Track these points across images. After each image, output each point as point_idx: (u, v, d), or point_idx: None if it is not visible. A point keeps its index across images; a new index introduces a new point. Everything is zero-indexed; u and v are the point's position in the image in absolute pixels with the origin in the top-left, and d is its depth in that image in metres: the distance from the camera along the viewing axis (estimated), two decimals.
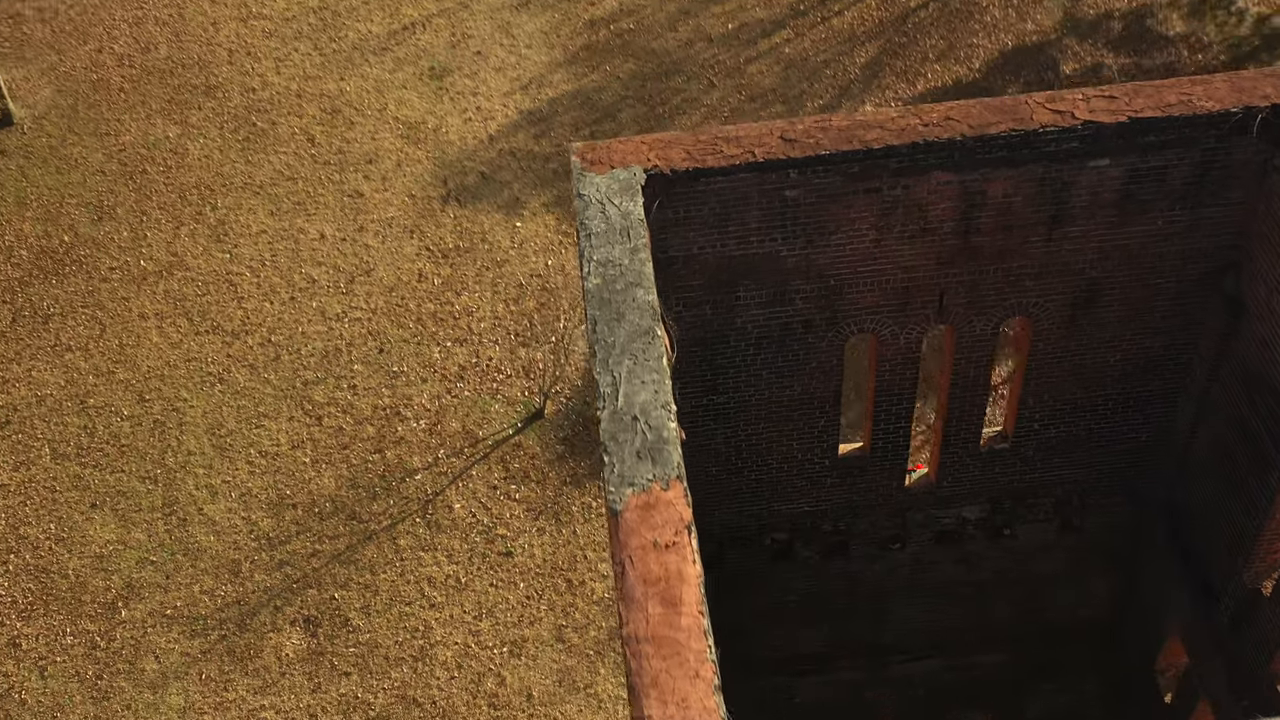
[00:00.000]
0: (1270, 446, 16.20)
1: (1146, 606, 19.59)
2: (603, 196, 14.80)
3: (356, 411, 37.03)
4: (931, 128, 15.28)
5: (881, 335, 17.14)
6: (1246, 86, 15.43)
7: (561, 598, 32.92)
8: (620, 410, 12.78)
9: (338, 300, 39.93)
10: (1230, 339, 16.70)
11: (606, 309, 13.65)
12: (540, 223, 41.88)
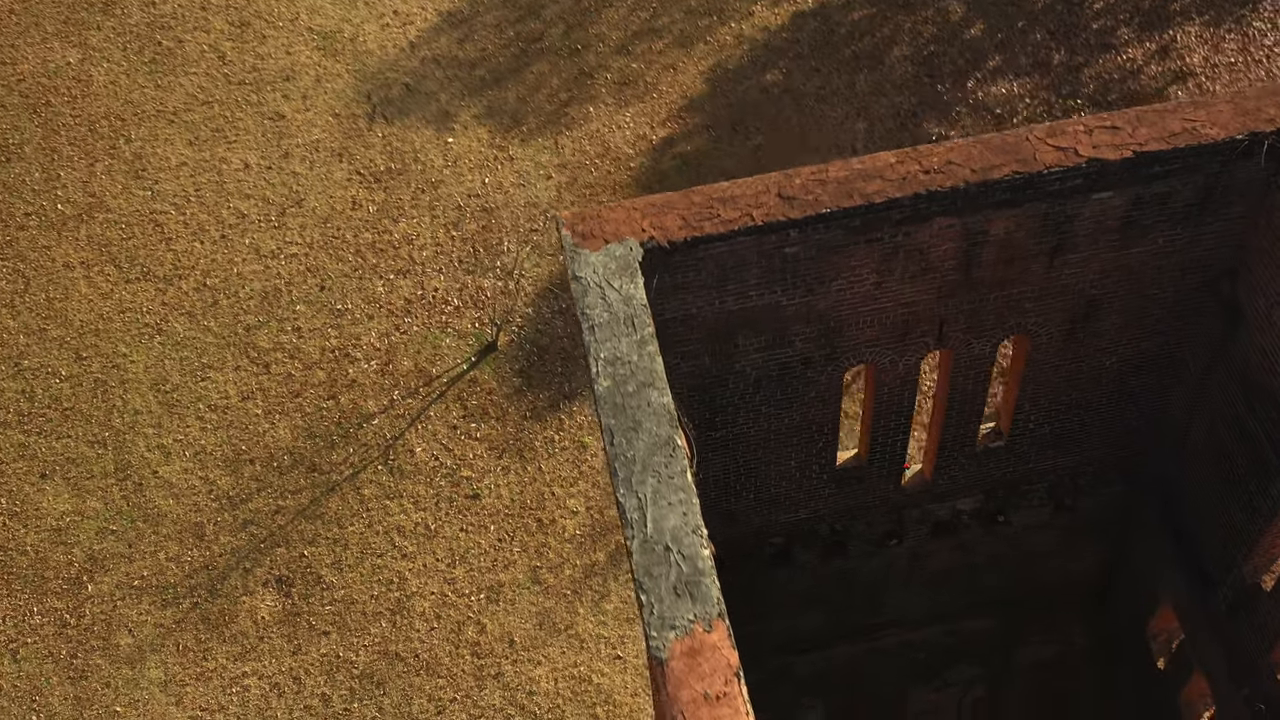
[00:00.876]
0: (1270, 452, 16.31)
1: (1138, 578, 19.98)
2: (601, 279, 14.17)
3: (304, 355, 36.19)
4: (933, 175, 14.73)
5: (880, 364, 16.85)
6: (1250, 109, 15.00)
7: (533, 538, 32.94)
8: (651, 539, 12.45)
9: (271, 236, 38.62)
10: (1226, 339, 16.63)
11: (621, 417, 13.19)
12: (473, 137, 40.54)
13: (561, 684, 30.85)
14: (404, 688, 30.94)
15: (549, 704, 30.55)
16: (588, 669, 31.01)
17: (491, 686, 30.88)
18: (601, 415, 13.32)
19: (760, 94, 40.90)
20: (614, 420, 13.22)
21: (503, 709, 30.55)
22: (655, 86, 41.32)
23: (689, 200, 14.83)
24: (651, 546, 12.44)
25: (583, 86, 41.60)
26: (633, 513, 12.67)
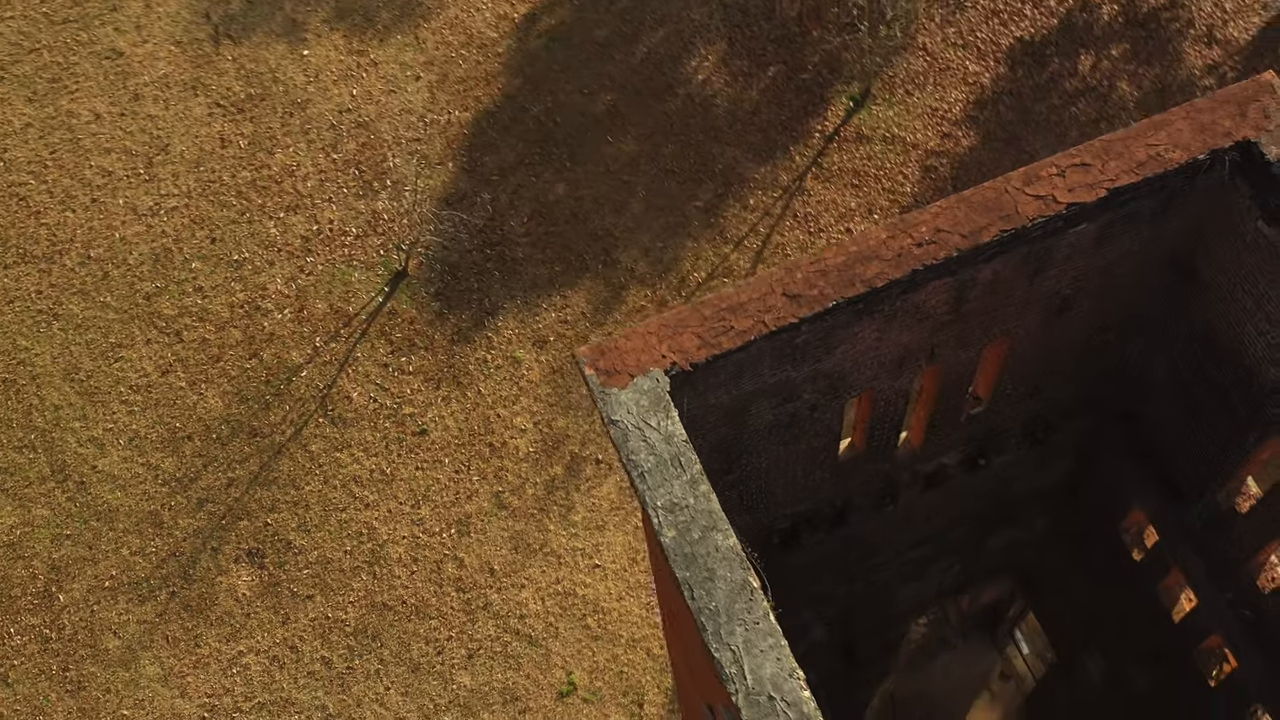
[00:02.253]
0: (1237, 402, 17.67)
1: (1107, 487, 21.61)
2: (638, 420, 14.55)
3: (214, 316, 35.49)
4: (926, 247, 15.21)
5: (878, 389, 17.62)
6: (1206, 123, 15.61)
7: (489, 464, 33.65)
8: (753, 692, 13.35)
9: (144, 191, 37.13)
10: (1188, 305, 17.70)
11: (695, 568, 13.87)
12: (329, 45, 38.90)
13: (549, 602, 32.23)
14: (399, 635, 32.04)
15: (541, 624, 31.99)
16: (570, 583, 32.39)
17: (483, 618, 32.15)
18: (675, 568, 13.96)
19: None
20: (688, 572, 13.89)
21: (498, 637, 31.93)
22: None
23: (700, 315, 15.09)
24: (756, 699, 13.35)
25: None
26: (730, 666, 13.52)
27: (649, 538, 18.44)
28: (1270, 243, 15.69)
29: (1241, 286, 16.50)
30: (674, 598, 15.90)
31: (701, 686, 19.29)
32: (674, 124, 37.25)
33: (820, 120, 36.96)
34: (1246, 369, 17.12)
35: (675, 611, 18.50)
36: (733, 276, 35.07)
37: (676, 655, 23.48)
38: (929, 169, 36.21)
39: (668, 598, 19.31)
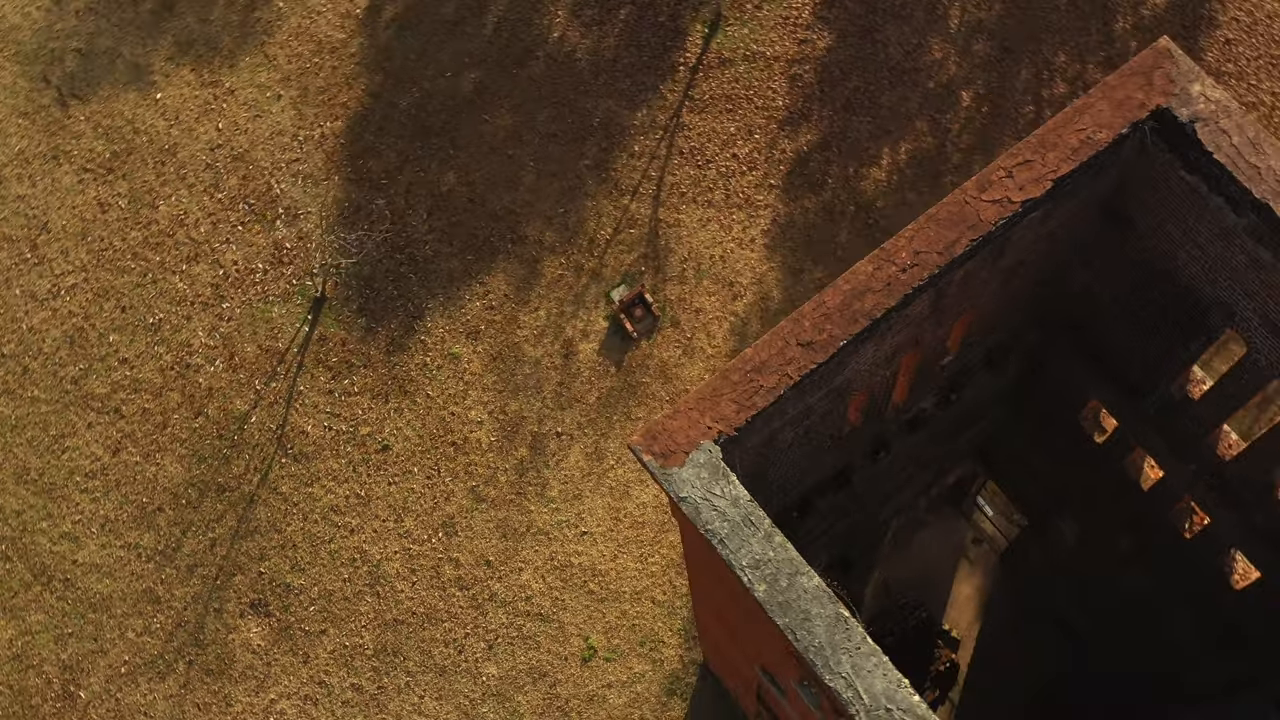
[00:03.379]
0: (1180, 318, 19.82)
1: (1061, 385, 23.81)
2: (704, 493, 16.10)
3: (147, 384, 35.67)
4: (910, 271, 16.82)
5: (873, 381, 19.36)
6: (1121, 99, 17.34)
7: (456, 462, 34.83)
8: (872, 709, 15.27)
9: (37, 275, 36.74)
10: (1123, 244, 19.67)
11: (792, 613, 15.62)
12: (180, 83, 38.42)
13: (549, 578, 33.91)
14: (418, 645, 33.51)
15: (548, 600, 33.70)
16: (564, 555, 34.06)
17: (491, 609, 33.73)
18: (774, 616, 15.70)
19: None
20: (787, 619, 15.64)
21: (511, 623, 33.58)
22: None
23: (731, 382, 16.55)
24: (875, 714, 15.28)
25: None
26: (846, 692, 15.40)
27: (686, 539, 20.17)
28: (1192, 187, 17.62)
29: (1170, 222, 18.47)
30: (722, 585, 17.64)
31: (772, 661, 21.22)
32: (542, 88, 37.87)
33: (681, 53, 37.92)
34: (1183, 287, 19.21)
35: (719, 595, 20.33)
36: (637, 226, 36.29)
37: (710, 620, 25.38)
38: (794, 78, 37.56)
39: (708, 581, 21.11)
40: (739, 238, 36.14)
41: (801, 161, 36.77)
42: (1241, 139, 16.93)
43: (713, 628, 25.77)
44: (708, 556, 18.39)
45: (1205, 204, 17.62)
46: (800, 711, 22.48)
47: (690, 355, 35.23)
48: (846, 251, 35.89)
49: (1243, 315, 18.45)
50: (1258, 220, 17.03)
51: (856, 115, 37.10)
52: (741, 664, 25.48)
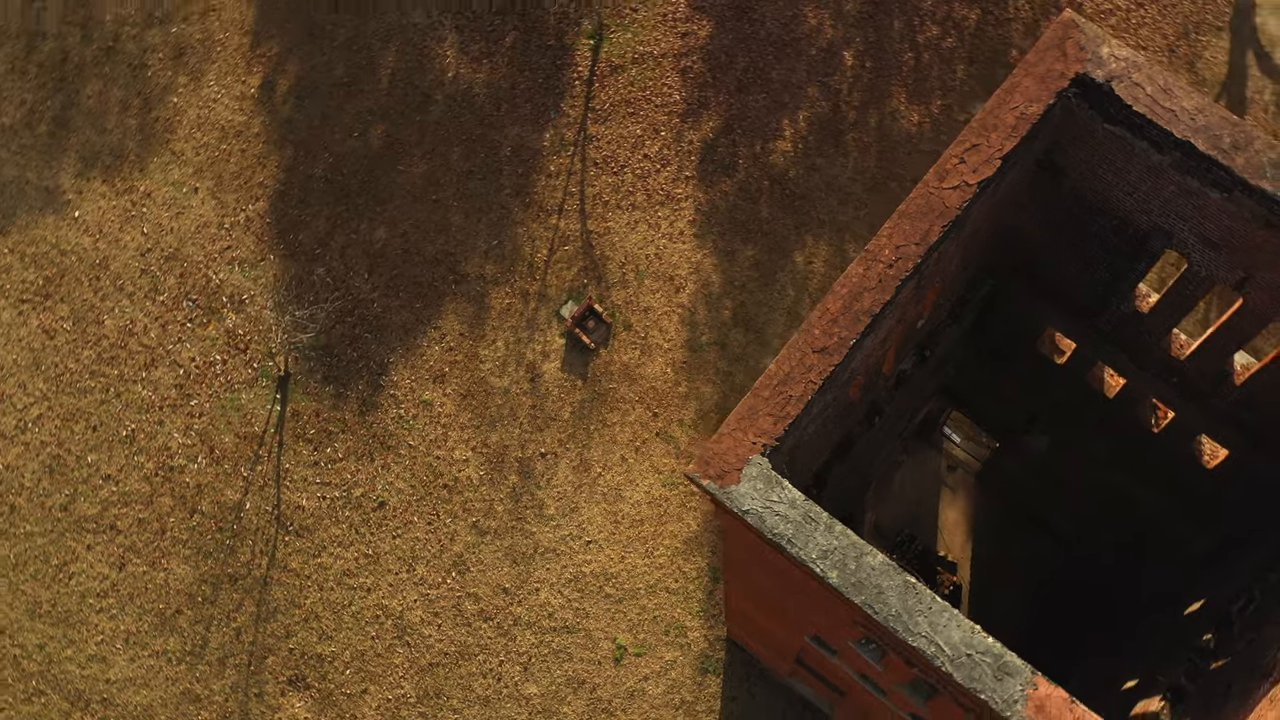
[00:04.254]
0: (1122, 245, 21.96)
1: (1016, 318, 25.94)
2: (763, 503, 17.86)
3: (136, 495, 36.41)
4: (896, 265, 18.68)
5: (870, 363, 21.25)
6: (1043, 73, 19.33)
7: (453, 503, 36.18)
8: (955, 657, 17.23)
9: (3, 414, 37.15)
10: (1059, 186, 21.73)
11: (866, 590, 17.50)
12: (95, 196, 38.91)
13: (566, 592, 35.50)
14: (458, 683, 34.93)
15: (570, 612, 35.30)
16: (575, 567, 35.65)
17: (518, 632, 35.25)
18: (850, 596, 17.55)
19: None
20: (863, 596, 17.50)
21: (541, 640, 35.14)
22: (215, 39, 40.04)
23: (761, 398, 18.28)
24: (960, 661, 17.23)
25: (143, 79, 39.83)
26: (929, 648, 17.32)
27: (730, 542, 21.97)
28: (1118, 136, 19.72)
29: (1101, 167, 20.58)
30: (780, 578, 19.51)
31: (827, 630, 23.14)
32: (448, 129, 39.05)
33: (573, 69, 39.35)
34: (1121, 219, 21.36)
35: (771, 586, 22.19)
36: (571, 242, 37.77)
37: (748, 606, 27.25)
38: (685, 71, 39.22)
39: (757, 576, 22.95)
40: (668, 233, 37.81)
41: (709, 149, 38.50)
42: (1154, 88, 19.03)
43: (750, 612, 27.65)
44: (761, 556, 20.21)
45: (1131, 148, 19.71)
46: (853, 664, 24.48)
47: (648, 353, 36.90)
48: (770, 225, 37.78)
49: (1179, 236, 20.64)
50: (1181, 155, 19.16)
51: (751, 94, 38.89)
52: (784, 637, 27.41)
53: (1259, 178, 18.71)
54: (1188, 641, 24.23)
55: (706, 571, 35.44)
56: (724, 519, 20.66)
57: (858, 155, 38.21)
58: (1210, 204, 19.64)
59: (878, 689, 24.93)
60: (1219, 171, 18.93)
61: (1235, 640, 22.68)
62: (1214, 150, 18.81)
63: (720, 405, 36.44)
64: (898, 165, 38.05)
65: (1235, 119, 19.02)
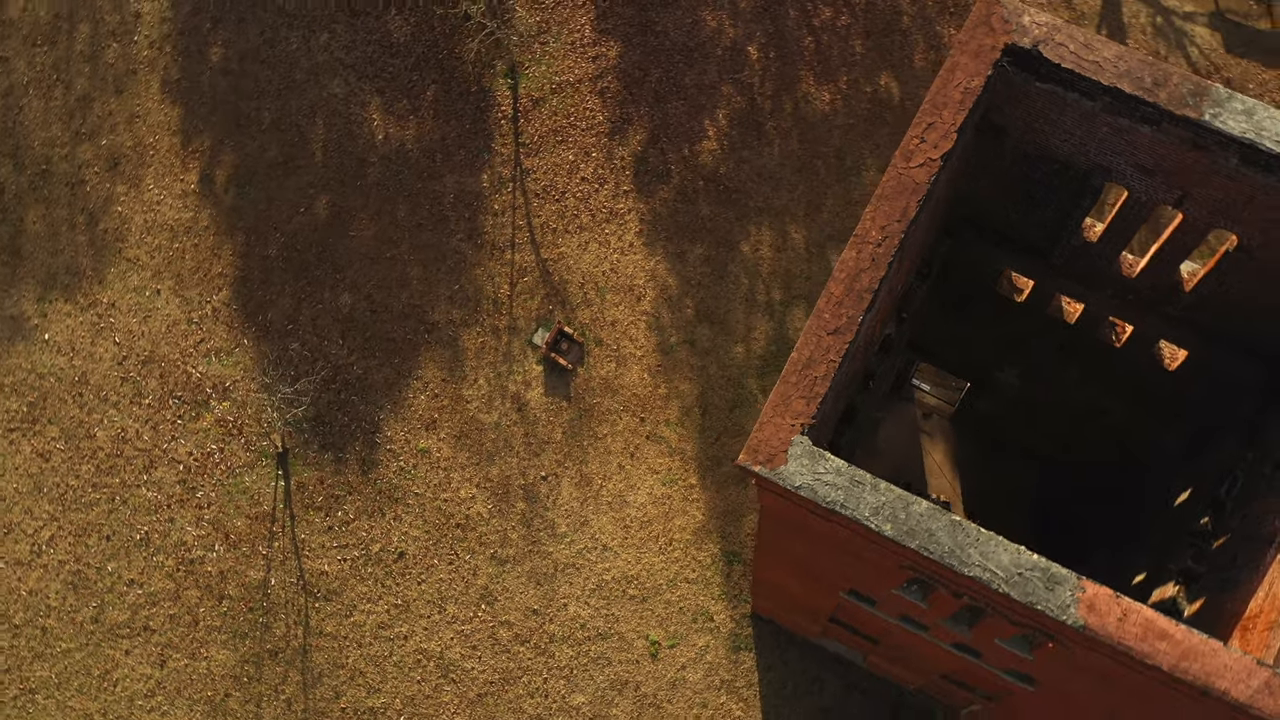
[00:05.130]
0: (1064, 185, 24.23)
1: (972, 263, 28.17)
2: (812, 477, 19.82)
3: (162, 593, 37.45)
4: (883, 244, 20.74)
5: (871, 334, 23.32)
6: (977, 50, 21.50)
7: (468, 539, 37.73)
8: (1008, 577, 19.32)
9: (13, 541, 38.00)
10: (1002, 142, 23.94)
11: (919, 535, 19.53)
12: (60, 315, 39.79)
13: (593, 601, 37.22)
14: (509, 707, 36.50)
15: (601, 620, 37.02)
16: (597, 577, 37.37)
17: (555, 649, 36.92)
18: (905, 543, 19.56)
19: (221, 75, 41.57)
20: (917, 540, 19.53)
21: (578, 651, 36.81)
22: (146, 144, 41.06)
23: (789, 383, 20.23)
24: (1013, 581, 19.33)
25: (83, 196, 40.76)
26: (985, 575, 19.39)
27: (768, 518, 23.93)
28: (1050, 92, 21.98)
29: (1039, 119, 22.85)
30: (824, 542, 21.51)
31: (867, 583, 25.18)
32: (389, 188, 40.52)
33: (497, 109, 41.01)
34: (1062, 163, 23.65)
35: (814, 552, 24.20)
36: (529, 274, 39.45)
37: (781, 576, 29.22)
38: (603, 92, 41.08)
39: (798, 545, 24.94)
40: (619, 247, 39.66)
41: (641, 161, 40.40)
42: (1076, 45, 21.29)
43: (784, 583, 29.62)
44: (804, 526, 22.17)
45: (1064, 100, 21.97)
46: (894, 609, 26.54)
47: (623, 363, 38.72)
48: (713, 221, 39.78)
49: (1117, 170, 22.96)
50: (1110, 100, 21.44)
51: (669, 103, 40.86)
52: (819, 601, 29.43)
53: (1182, 107, 21.05)
54: (1186, 528, 26.65)
55: (720, 556, 37.38)
56: (765, 499, 22.58)
57: (780, 141, 40.34)
58: (1141, 137, 21.95)
59: (919, 627, 27.02)
60: (1146, 108, 21.24)
61: (1230, 518, 25.11)
62: (1139, 90, 21.11)
63: (701, 399, 38.38)
64: (819, 144, 40.25)
65: (1151, 60, 21.35)
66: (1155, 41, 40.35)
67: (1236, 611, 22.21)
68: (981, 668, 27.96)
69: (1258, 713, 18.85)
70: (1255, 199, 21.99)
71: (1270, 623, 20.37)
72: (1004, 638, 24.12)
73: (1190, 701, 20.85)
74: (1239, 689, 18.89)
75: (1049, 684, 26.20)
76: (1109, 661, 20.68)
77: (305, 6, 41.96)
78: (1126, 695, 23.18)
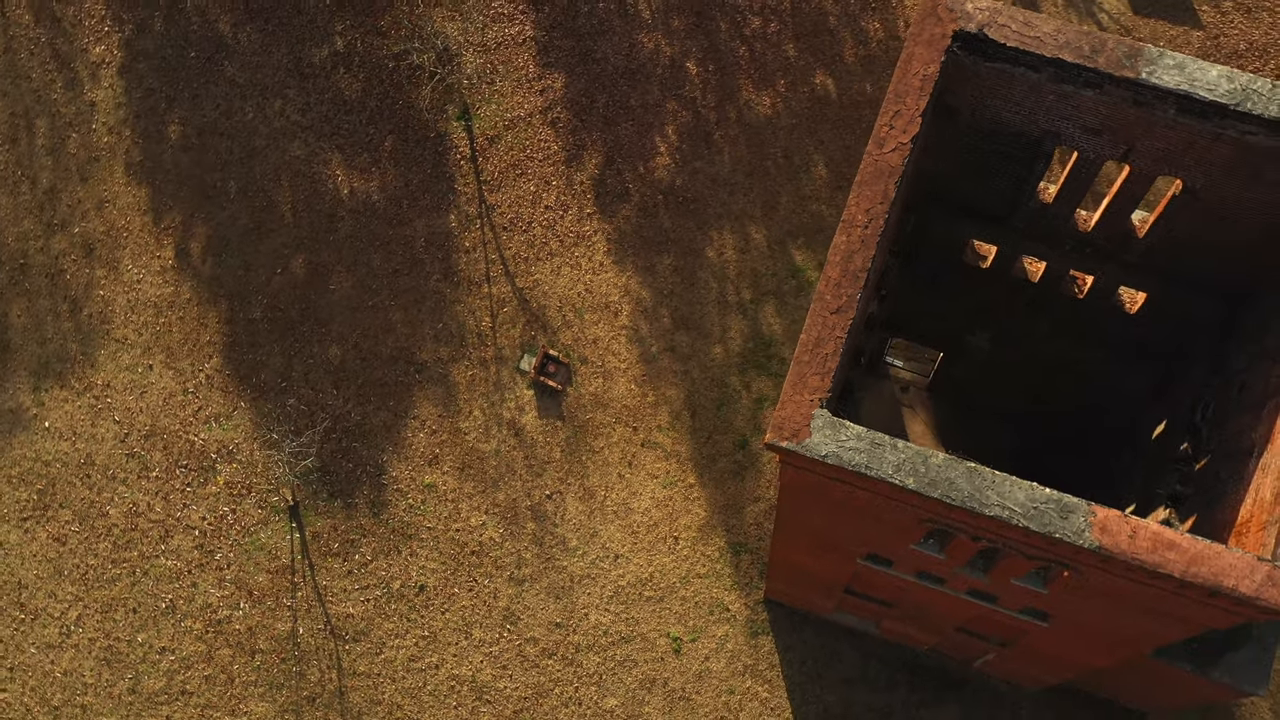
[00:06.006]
0: (1019, 153, 26.22)
1: (939, 239, 30.12)
2: (836, 445, 21.57)
3: (195, 655, 38.46)
4: (870, 225, 22.59)
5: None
6: (928, 39, 23.44)
7: (484, 566, 39.11)
8: (1026, 513, 21.16)
9: (40, 626, 38.86)
10: (955, 120, 25.89)
11: (940, 484, 21.32)
12: (58, 400, 40.75)
13: (612, 607, 38.72)
14: (545, 718, 37.87)
15: (621, 624, 38.53)
16: (613, 584, 38.89)
17: (582, 658, 38.37)
18: (928, 493, 21.34)
19: (182, 151, 42.74)
20: (938, 490, 21.31)
21: (605, 656, 38.28)
22: (118, 227, 42.14)
23: (802, 363, 21.97)
24: (1030, 515, 21.16)
25: (63, 285, 41.71)
26: (1004, 513, 21.21)
27: (788, 493, 25.63)
28: (997, 70, 23.96)
29: (990, 95, 24.84)
30: (845, 507, 23.30)
31: (885, 544, 26.97)
32: (361, 239, 41.92)
33: (455, 151, 42.58)
34: (1014, 131, 25.65)
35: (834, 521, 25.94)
36: (508, 304, 41.00)
37: (799, 554, 30.94)
38: (554, 122, 42.78)
39: (819, 517, 26.68)
40: (590, 268, 41.31)
41: (600, 183, 42.12)
42: (1018, 24, 23.30)
43: (800, 560, 31.33)
44: (826, 496, 23.90)
45: (1012, 75, 23.97)
46: (911, 566, 28.33)
47: (610, 378, 40.35)
48: (676, 232, 41.56)
49: (1066, 134, 25.00)
50: (1055, 70, 23.47)
51: (619, 125, 42.64)
52: (835, 572, 31.17)
53: (1120, 69, 23.11)
54: (1169, 455, 28.71)
55: (727, 549, 39.05)
56: (786, 475, 24.30)
57: (729, 149, 42.24)
58: (1085, 100, 23.99)
59: (935, 581, 28.85)
60: (1088, 73, 23.28)
61: (1209, 441, 27.18)
62: (1080, 58, 23.15)
63: (688, 401, 40.08)
64: (767, 146, 42.19)
65: (1086, 30, 23.41)
66: (1066, 13, 42.74)
67: (1228, 521, 24.20)
68: (996, 614, 29.85)
69: (1264, 603, 20.80)
70: (1194, 144, 24.08)
71: (1262, 523, 22.36)
72: (1019, 576, 26.00)
73: (1198, 606, 22.82)
74: (1245, 584, 20.83)
75: (1062, 618, 28.12)
76: (1122, 580, 22.60)
77: (256, 76, 43.31)
78: (1136, 615, 25.15)
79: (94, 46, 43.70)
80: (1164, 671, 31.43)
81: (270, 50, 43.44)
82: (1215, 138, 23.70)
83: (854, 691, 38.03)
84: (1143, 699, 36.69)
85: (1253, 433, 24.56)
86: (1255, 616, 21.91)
